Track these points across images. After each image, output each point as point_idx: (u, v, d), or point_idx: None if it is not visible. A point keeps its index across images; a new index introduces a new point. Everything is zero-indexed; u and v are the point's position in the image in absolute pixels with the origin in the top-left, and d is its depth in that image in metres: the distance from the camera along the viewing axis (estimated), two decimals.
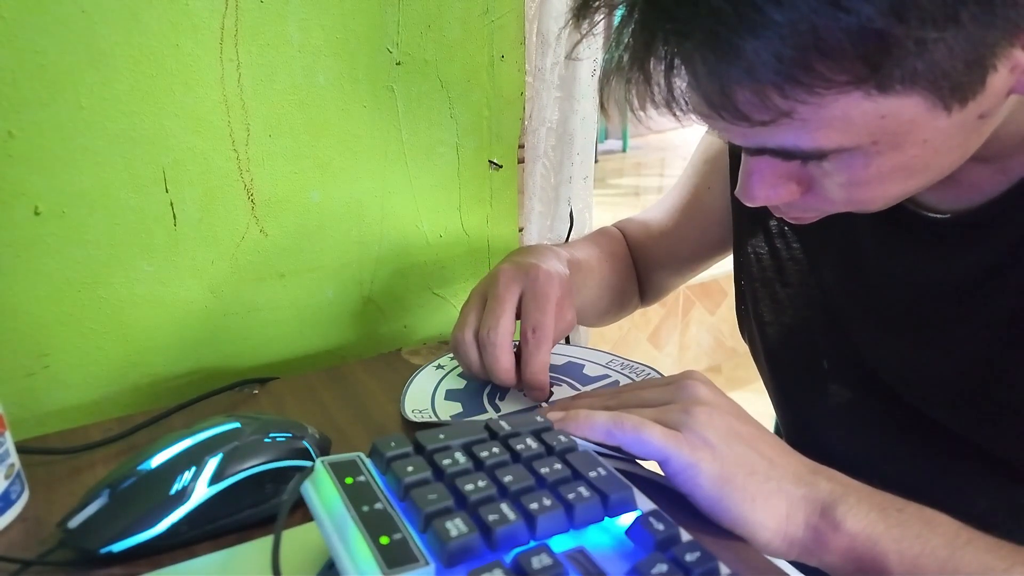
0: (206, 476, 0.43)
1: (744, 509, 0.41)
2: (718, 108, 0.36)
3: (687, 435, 0.43)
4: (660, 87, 0.37)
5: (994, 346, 0.48)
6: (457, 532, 0.33)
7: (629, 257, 0.76)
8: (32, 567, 0.42)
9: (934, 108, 0.36)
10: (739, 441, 0.43)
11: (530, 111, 0.85)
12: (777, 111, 0.35)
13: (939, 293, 0.50)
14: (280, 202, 0.67)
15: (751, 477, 0.42)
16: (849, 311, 0.57)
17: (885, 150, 0.38)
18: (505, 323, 0.54)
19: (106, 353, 0.63)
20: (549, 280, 0.56)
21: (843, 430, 0.58)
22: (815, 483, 0.42)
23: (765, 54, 0.33)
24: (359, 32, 0.66)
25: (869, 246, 0.54)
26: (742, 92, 0.35)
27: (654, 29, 0.35)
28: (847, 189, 0.41)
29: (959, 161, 0.41)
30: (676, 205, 0.73)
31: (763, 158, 0.42)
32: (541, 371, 0.54)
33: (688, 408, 0.44)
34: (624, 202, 3.24)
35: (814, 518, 0.41)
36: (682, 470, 0.42)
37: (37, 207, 0.57)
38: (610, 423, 0.44)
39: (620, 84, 0.38)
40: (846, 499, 0.41)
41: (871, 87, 0.34)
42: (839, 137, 0.37)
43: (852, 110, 0.35)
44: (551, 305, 0.55)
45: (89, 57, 0.56)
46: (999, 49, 0.34)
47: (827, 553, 0.41)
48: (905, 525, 0.40)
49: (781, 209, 0.46)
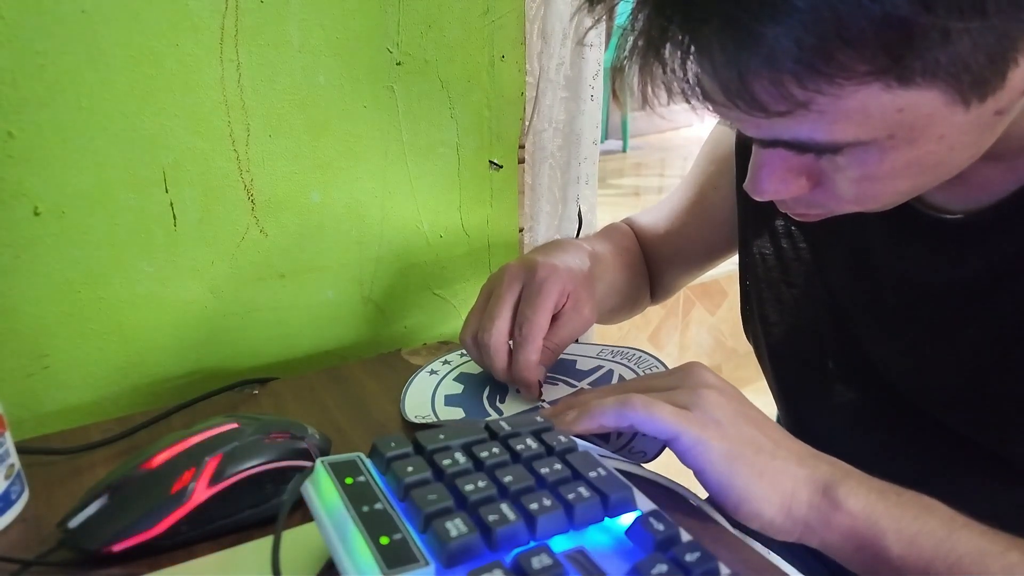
0: (206, 476, 0.43)
1: (752, 484, 0.42)
2: (734, 97, 0.35)
3: (696, 414, 0.44)
4: (675, 74, 0.36)
5: (1001, 348, 0.47)
6: (457, 532, 0.33)
7: (640, 254, 0.75)
8: (32, 567, 0.42)
9: (953, 103, 0.35)
10: (746, 421, 0.44)
11: (536, 111, 0.85)
12: (795, 101, 0.35)
13: (947, 294, 0.50)
14: (280, 202, 0.67)
15: (759, 455, 0.43)
16: (855, 311, 0.56)
17: (900, 145, 0.37)
18: (500, 324, 0.55)
19: (106, 353, 0.63)
20: (549, 276, 0.56)
21: (846, 430, 0.58)
22: (817, 465, 0.43)
23: (786, 41, 0.32)
24: (359, 32, 0.66)
25: (876, 246, 0.54)
26: (760, 81, 0.34)
27: (671, 14, 0.34)
28: (858, 184, 0.40)
29: (972, 159, 0.41)
30: (682, 205, 0.73)
31: (775, 151, 0.41)
32: (525, 368, 0.54)
33: (696, 390, 0.45)
34: (624, 202, 3.24)
35: (816, 497, 0.42)
36: (692, 446, 0.43)
37: (37, 207, 0.57)
38: (620, 405, 0.44)
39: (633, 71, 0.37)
40: (847, 481, 0.42)
41: (891, 79, 0.33)
42: (856, 130, 0.36)
43: (871, 102, 0.35)
44: (543, 301, 0.55)
45: (89, 57, 0.56)
46: (1021, 43, 0.33)
47: (828, 531, 0.42)
48: (903, 507, 0.41)
49: (787, 204, 0.46)
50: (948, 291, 0.50)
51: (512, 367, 0.55)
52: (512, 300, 0.56)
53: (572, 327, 0.57)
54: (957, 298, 0.49)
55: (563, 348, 0.58)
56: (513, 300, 0.56)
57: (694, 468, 0.43)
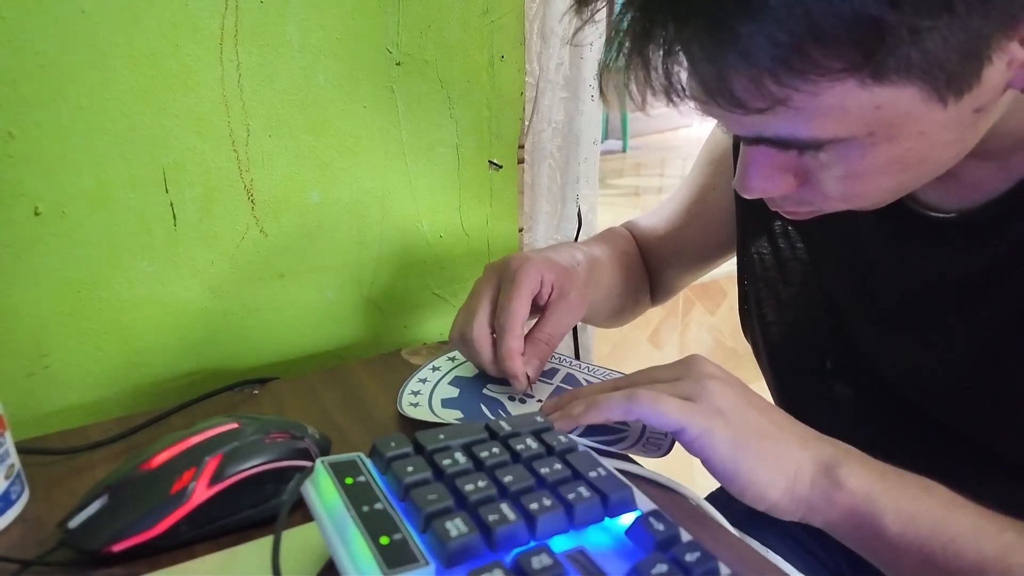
0: (206, 476, 0.43)
1: (757, 468, 0.43)
2: (715, 94, 0.37)
3: (700, 404, 0.45)
4: (658, 73, 0.37)
5: (997, 345, 0.48)
6: (457, 532, 0.33)
7: (639, 256, 0.76)
8: (32, 567, 0.42)
9: (929, 100, 0.36)
10: (750, 408, 0.45)
11: (536, 111, 0.85)
12: (772, 98, 0.36)
13: (942, 292, 0.50)
14: (280, 202, 0.67)
15: (763, 440, 0.44)
16: (852, 310, 0.57)
17: (880, 142, 0.38)
18: (480, 316, 0.56)
19: (106, 353, 0.63)
20: (522, 265, 0.56)
21: (844, 428, 0.58)
22: (820, 446, 0.44)
23: (760, 38, 0.33)
24: (359, 32, 0.66)
25: (872, 246, 0.54)
26: (738, 78, 0.35)
27: (654, 14, 0.36)
28: (842, 182, 0.41)
29: (956, 157, 0.42)
30: (682, 205, 0.73)
31: (761, 148, 0.42)
32: (507, 356, 0.55)
33: (700, 380, 0.46)
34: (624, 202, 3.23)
35: (819, 477, 0.43)
36: (698, 436, 0.44)
37: (37, 207, 0.57)
38: (625, 400, 0.45)
39: (619, 71, 0.38)
40: (848, 461, 0.43)
41: (866, 75, 0.34)
42: (835, 127, 0.37)
43: (848, 99, 0.35)
44: (517, 288, 0.55)
45: (89, 57, 0.56)
46: (994, 41, 0.34)
47: (830, 510, 0.43)
48: (902, 487, 0.42)
49: (777, 202, 0.46)
50: (942, 289, 0.50)
51: (496, 357, 0.55)
52: (490, 293, 0.57)
53: (559, 316, 0.57)
54: (952, 296, 0.49)
55: (555, 339, 0.58)
56: (491, 293, 0.57)
57: (701, 457, 0.44)
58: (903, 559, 0.41)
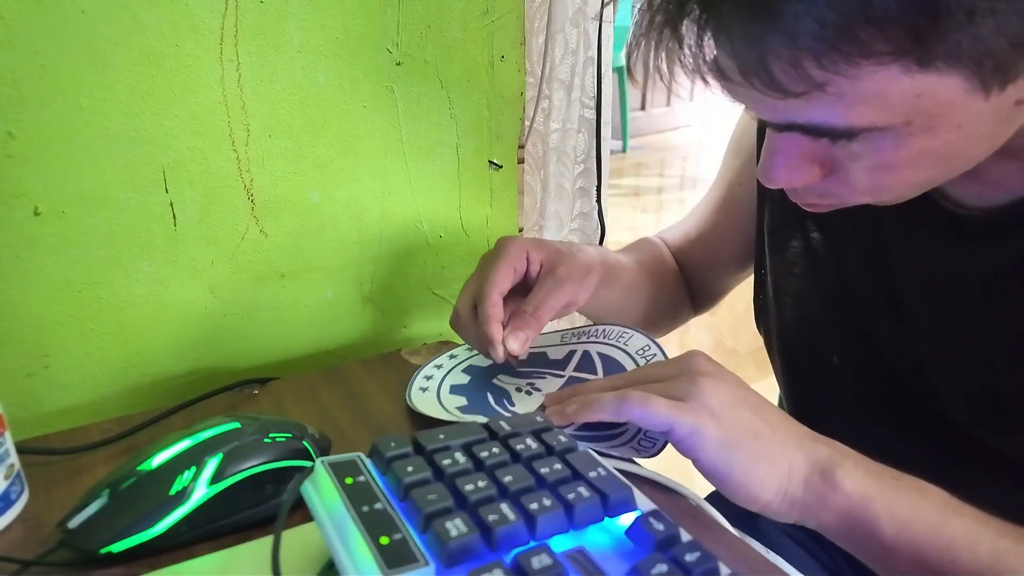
0: (206, 476, 0.43)
1: (748, 469, 0.42)
2: (751, 76, 0.35)
3: (691, 404, 0.44)
4: (692, 50, 0.35)
5: (1010, 347, 0.47)
6: (457, 532, 0.33)
7: (673, 264, 0.75)
8: (32, 567, 0.42)
9: (972, 90, 0.34)
10: (743, 407, 0.44)
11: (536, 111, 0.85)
12: (812, 82, 0.34)
13: (961, 289, 0.49)
14: (280, 202, 0.67)
15: (756, 440, 0.43)
16: (869, 305, 0.56)
17: (918, 132, 0.36)
18: (464, 294, 0.59)
19: (106, 353, 0.63)
20: (505, 242, 0.58)
21: (854, 425, 0.58)
22: (815, 447, 0.43)
23: (807, 18, 0.31)
24: (359, 32, 0.66)
25: (892, 239, 0.53)
26: (778, 59, 0.33)
27: None
28: (872, 174, 0.40)
29: (988, 151, 0.40)
30: (712, 204, 0.72)
31: (790, 136, 0.40)
32: (484, 322, 0.55)
33: (692, 379, 0.45)
34: (624, 202, 3.23)
35: (814, 478, 0.42)
36: (686, 436, 0.43)
37: (37, 207, 0.57)
38: (616, 401, 0.45)
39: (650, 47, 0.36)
40: (844, 463, 0.42)
41: (911, 61, 0.33)
42: (872, 115, 0.36)
43: (889, 86, 0.34)
44: (495, 259, 0.57)
45: (89, 57, 0.56)
46: None
47: (824, 512, 0.42)
48: (898, 490, 0.41)
49: (798, 194, 0.45)
50: (962, 286, 0.49)
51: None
52: (478, 274, 0.58)
53: (546, 290, 0.57)
54: (971, 294, 0.49)
55: (542, 314, 0.56)
56: (479, 274, 0.58)
57: (691, 457, 0.44)
58: (897, 562, 0.41)
